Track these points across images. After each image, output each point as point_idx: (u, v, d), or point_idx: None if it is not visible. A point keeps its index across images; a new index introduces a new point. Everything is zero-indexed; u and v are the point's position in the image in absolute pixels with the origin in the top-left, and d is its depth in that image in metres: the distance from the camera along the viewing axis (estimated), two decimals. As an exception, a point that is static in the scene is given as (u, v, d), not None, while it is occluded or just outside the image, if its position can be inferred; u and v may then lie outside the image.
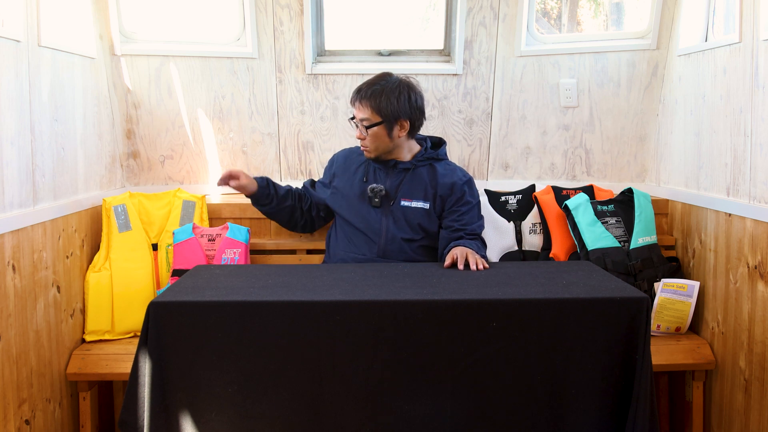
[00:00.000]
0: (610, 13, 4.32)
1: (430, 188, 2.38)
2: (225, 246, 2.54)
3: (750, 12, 2.15)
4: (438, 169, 2.40)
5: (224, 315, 1.68)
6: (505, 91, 3.01)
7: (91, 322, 2.44)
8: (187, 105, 2.92)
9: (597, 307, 1.70)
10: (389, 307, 1.68)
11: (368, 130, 2.32)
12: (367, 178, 2.40)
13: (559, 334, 1.69)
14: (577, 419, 1.70)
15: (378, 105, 2.30)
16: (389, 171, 2.39)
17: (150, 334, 1.67)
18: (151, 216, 2.63)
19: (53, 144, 2.27)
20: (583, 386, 1.70)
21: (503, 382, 1.69)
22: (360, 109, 2.33)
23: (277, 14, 2.91)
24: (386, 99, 2.30)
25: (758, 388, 2.13)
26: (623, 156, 2.98)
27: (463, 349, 1.68)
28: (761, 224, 2.10)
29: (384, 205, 2.36)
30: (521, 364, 1.69)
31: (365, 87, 2.33)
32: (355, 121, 2.36)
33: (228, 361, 1.68)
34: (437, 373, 1.69)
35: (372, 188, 2.36)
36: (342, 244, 2.41)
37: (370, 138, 2.33)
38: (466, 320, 1.68)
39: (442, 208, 2.38)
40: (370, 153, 2.37)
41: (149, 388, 1.67)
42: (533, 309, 1.69)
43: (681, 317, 2.45)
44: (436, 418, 1.69)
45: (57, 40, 2.29)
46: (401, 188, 2.37)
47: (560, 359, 1.69)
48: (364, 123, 2.32)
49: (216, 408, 1.68)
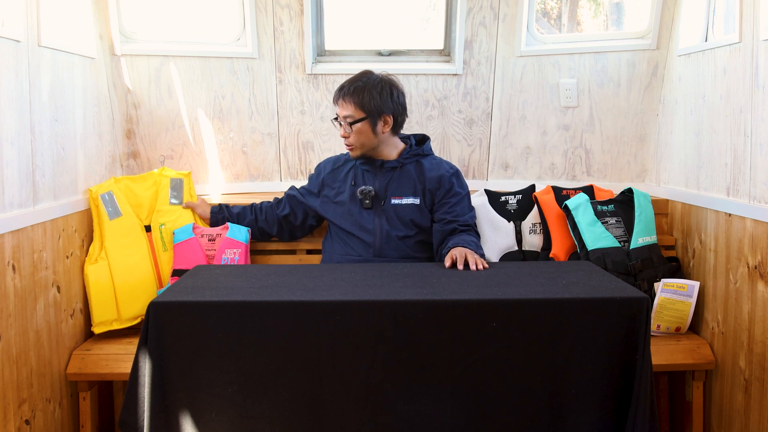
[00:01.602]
0: (610, 13, 4.32)
1: (418, 184, 2.39)
2: (225, 246, 2.54)
3: (750, 12, 2.15)
4: (424, 165, 2.42)
5: (224, 315, 1.68)
6: (505, 91, 3.01)
7: (97, 314, 2.42)
8: (187, 105, 2.92)
9: (597, 307, 1.70)
10: (389, 307, 1.68)
11: (352, 126, 2.34)
12: (356, 181, 2.42)
13: (559, 334, 1.69)
14: (577, 419, 1.70)
15: (361, 101, 2.32)
16: (377, 171, 2.41)
17: (150, 334, 1.67)
18: (139, 198, 2.59)
19: (53, 144, 2.27)
20: (583, 386, 1.70)
21: (503, 382, 1.69)
22: (343, 106, 2.35)
23: (277, 14, 2.91)
24: (369, 94, 2.32)
25: (758, 388, 2.13)
26: (623, 156, 2.98)
27: (463, 349, 1.68)
28: (761, 224, 2.10)
29: (375, 205, 2.38)
30: (521, 364, 1.69)
31: (347, 84, 2.36)
32: (338, 120, 2.38)
33: (228, 361, 1.68)
34: (437, 373, 1.69)
35: (361, 191, 2.38)
36: (338, 248, 2.44)
37: (355, 135, 2.35)
38: (466, 320, 1.68)
39: (432, 201, 2.40)
40: (355, 151, 2.38)
41: (149, 388, 1.67)
42: (533, 309, 1.69)
43: (681, 317, 2.45)
44: (436, 418, 1.69)
45: (57, 40, 2.29)
46: (390, 187, 2.38)
47: (560, 359, 1.69)
48: (347, 120, 2.34)
49: (216, 408, 1.68)
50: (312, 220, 2.58)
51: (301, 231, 2.63)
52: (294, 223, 2.58)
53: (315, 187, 2.55)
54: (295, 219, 2.57)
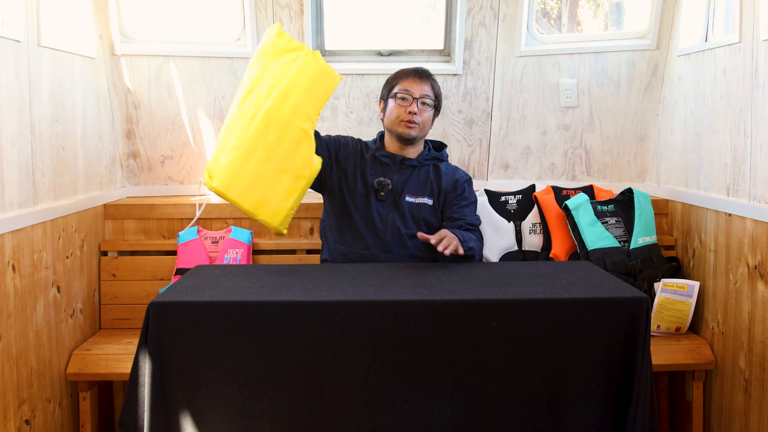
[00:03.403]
0: (610, 13, 4.32)
1: (435, 186, 2.39)
2: (228, 246, 2.57)
3: (750, 12, 2.15)
4: (441, 169, 2.43)
5: (224, 315, 1.68)
6: (505, 91, 3.01)
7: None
8: (187, 105, 2.92)
9: (597, 307, 1.70)
10: (389, 307, 1.68)
11: (425, 105, 2.34)
12: (374, 171, 2.38)
13: (559, 334, 1.68)
14: (577, 419, 1.70)
15: (437, 90, 2.39)
16: (396, 167, 2.38)
17: (150, 334, 1.67)
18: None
19: (53, 144, 2.27)
20: (583, 386, 1.70)
21: (503, 382, 1.69)
22: (425, 86, 2.35)
23: (277, 14, 2.91)
24: (438, 89, 2.41)
25: (758, 388, 2.13)
26: (623, 156, 2.98)
27: (463, 349, 1.68)
28: (761, 224, 2.10)
29: (389, 199, 2.35)
30: (521, 364, 1.69)
31: (427, 70, 2.40)
32: (404, 93, 2.32)
33: (228, 361, 1.68)
34: (437, 373, 1.69)
35: (379, 181, 2.34)
36: (346, 238, 2.34)
37: (424, 116, 2.35)
38: (466, 320, 1.68)
39: (444, 204, 2.39)
40: (415, 130, 2.33)
41: (149, 388, 1.67)
42: (533, 309, 1.69)
43: (681, 317, 2.45)
44: (436, 418, 1.69)
45: (57, 40, 2.29)
46: (408, 184, 2.37)
47: (560, 359, 1.69)
48: (425, 100, 2.34)
49: (216, 408, 1.68)
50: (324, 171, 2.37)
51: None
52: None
53: (334, 148, 2.39)
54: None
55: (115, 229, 2.71)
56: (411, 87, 2.34)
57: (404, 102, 2.33)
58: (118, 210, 2.70)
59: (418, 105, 2.32)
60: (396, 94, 2.34)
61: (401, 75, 2.37)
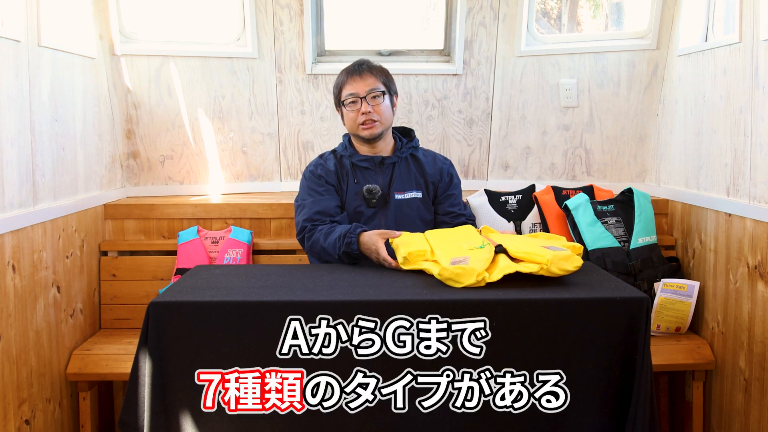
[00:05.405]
0: (610, 13, 4.32)
1: (419, 177, 2.36)
2: (228, 246, 2.57)
3: (750, 12, 2.15)
4: (420, 158, 2.38)
5: (224, 315, 1.68)
6: (505, 91, 3.01)
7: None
8: (187, 105, 2.92)
9: (597, 307, 1.70)
10: (389, 307, 1.68)
11: (376, 99, 2.26)
12: (357, 179, 2.33)
13: (559, 334, 1.68)
14: (577, 419, 1.70)
15: (382, 75, 2.30)
16: (377, 168, 2.34)
17: (150, 334, 1.67)
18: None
19: (53, 144, 2.27)
20: (583, 386, 1.70)
21: (503, 381, 1.69)
22: (366, 80, 2.27)
23: (277, 14, 2.91)
24: (383, 71, 2.32)
25: (758, 388, 2.13)
26: (623, 156, 2.98)
27: (463, 349, 1.68)
28: (761, 224, 2.10)
29: (380, 203, 2.33)
30: (521, 364, 1.69)
31: (363, 62, 2.32)
32: (350, 100, 2.27)
33: (228, 360, 1.68)
34: (437, 373, 1.69)
35: (368, 189, 2.30)
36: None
37: (379, 109, 2.27)
38: (466, 320, 1.67)
39: (435, 194, 2.38)
40: (376, 127, 2.27)
41: (149, 388, 1.67)
42: (533, 309, 1.69)
43: (681, 317, 2.45)
44: (437, 418, 1.69)
45: (57, 40, 2.29)
46: (393, 183, 2.34)
47: (560, 359, 1.69)
48: (372, 93, 2.26)
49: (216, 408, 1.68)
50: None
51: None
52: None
53: (324, 187, 2.35)
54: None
55: (115, 229, 2.71)
56: (354, 88, 2.27)
57: (354, 105, 2.28)
58: (118, 210, 2.70)
59: (368, 102, 2.26)
60: (344, 101, 2.30)
61: (341, 80, 2.32)
